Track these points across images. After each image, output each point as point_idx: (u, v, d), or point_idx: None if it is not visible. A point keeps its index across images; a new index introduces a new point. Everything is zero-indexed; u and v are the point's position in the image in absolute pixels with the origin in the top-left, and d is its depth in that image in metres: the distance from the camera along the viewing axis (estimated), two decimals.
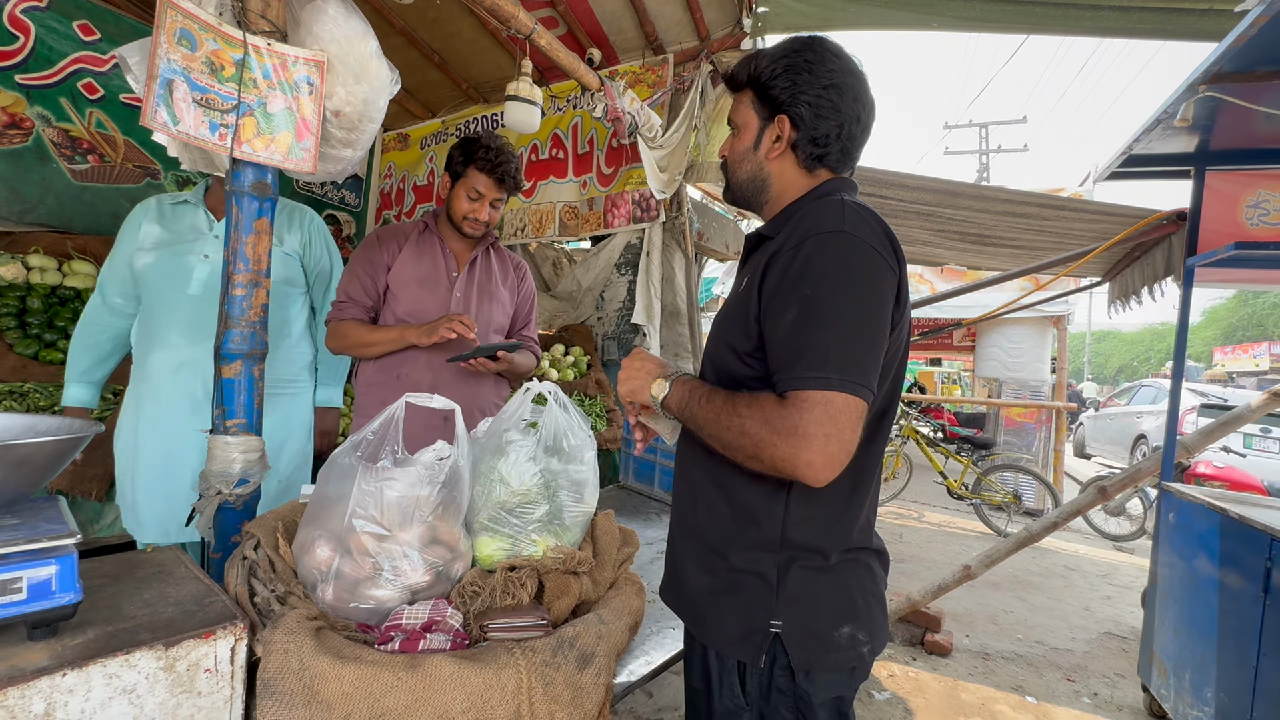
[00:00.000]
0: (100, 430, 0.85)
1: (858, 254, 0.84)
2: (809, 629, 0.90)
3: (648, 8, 2.86)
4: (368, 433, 1.08)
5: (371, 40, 1.30)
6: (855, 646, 0.91)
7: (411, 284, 1.75)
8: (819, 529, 0.91)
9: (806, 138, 0.97)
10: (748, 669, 0.92)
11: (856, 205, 0.91)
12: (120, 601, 0.86)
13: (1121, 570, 4.75)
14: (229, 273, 1.25)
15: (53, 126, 2.78)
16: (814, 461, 0.78)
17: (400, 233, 1.81)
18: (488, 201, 1.75)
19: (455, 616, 1.00)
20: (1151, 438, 8.86)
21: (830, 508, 0.92)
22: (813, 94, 0.95)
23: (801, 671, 0.89)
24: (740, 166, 1.04)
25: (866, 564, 0.96)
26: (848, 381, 0.79)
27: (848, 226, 0.85)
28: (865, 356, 0.81)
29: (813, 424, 0.78)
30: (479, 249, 1.88)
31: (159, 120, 1.09)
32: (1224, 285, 3.20)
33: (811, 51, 0.96)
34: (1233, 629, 1.97)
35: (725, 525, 0.96)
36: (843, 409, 0.79)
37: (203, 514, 1.25)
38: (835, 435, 0.78)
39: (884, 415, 0.95)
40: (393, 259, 1.76)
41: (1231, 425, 2.69)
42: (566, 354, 3.44)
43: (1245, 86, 1.91)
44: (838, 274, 0.83)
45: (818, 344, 0.81)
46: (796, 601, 0.90)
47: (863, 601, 0.93)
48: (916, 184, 3.12)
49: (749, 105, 1.02)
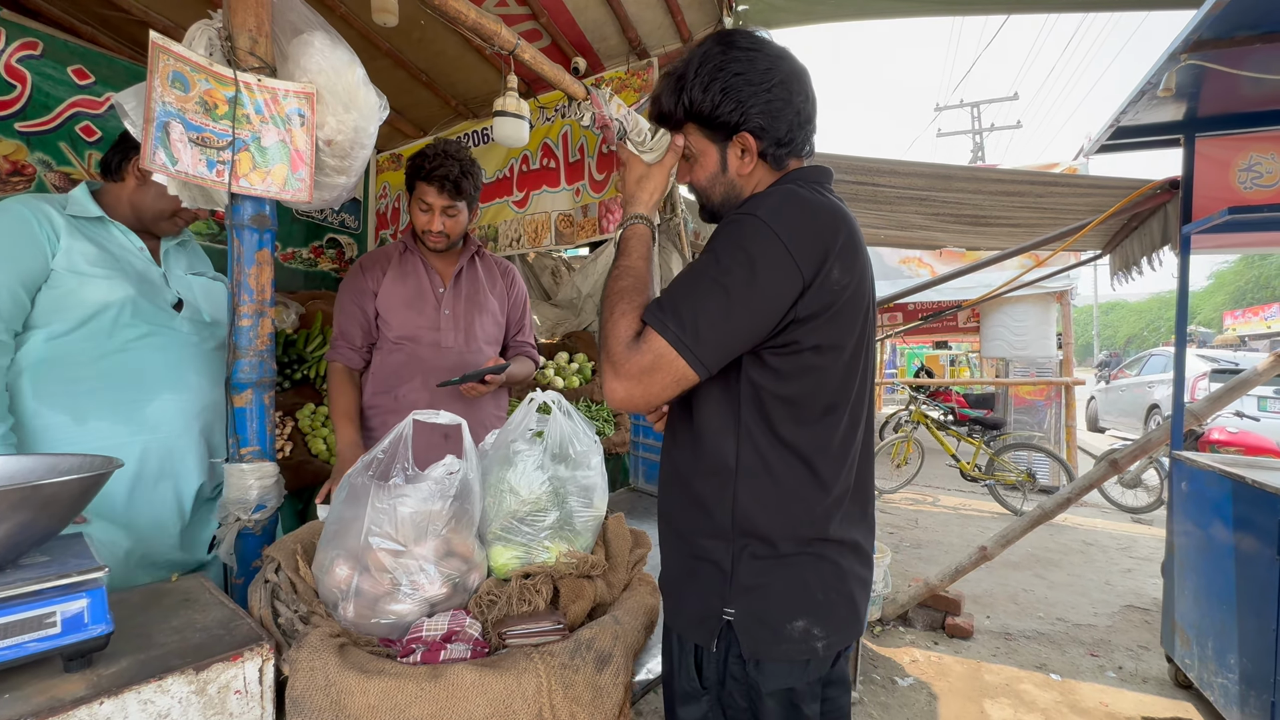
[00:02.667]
0: (120, 466, 0.88)
1: (757, 240, 0.85)
2: (759, 619, 0.91)
3: (629, 14, 2.89)
4: (378, 452, 1.10)
5: (358, 69, 1.33)
6: (808, 640, 0.91)
7: (400, 307, 1.75)
8: (766, 519, 0.91)
9: (771, 142, 0.95)
10: (704, 654, 0.96)
11: (791, 193, 0.90)
12: (150, 630, 0.89)
13: (1140, 542, 4.73)
14: (234, 304, 1.28)
15: (54, 171, 2.83)
16: (617, 391, 0.88)
17: (382, 257, 1.81)
18: (437, 211, 1.72)
19: (474, 626, 1.02)
20: (1164, 407, 8.79)
21: (778, 498, 0.91)
22: (761, 102, 0.92)
23: (751, 660, 0.91)
24: (713, 190, 1.02)
25: (831, 559, 0.93)
26: (683, 343, 0.85)
27: (762, 213, 0.86)
28: (711, 333, 0.85)
29: (636, 367, 0.86)
30: (462, 260, 1.87)
31: (158, 162, 1.12)
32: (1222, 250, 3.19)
33: (735, 60, 0.92)
34: (1251, 594, 1.97)
35: (687, 513, 0.99)
36: (667, 365, 0.86)
37: (224, 541, 1.28)
38: (646, 384, 0.86)
39: (832, 410, 0.92)
40: (378, 285, 1.76)
41: (1239, 390, 2.68)
42: (571, 361, 3.47)
43: (1227, 52, 1.92)
44: (727, 249, 0.87)
45: (679, 295, 0.88)
46: (748, 591, 0.92)
47: (821, 595, 0.92)
48: (908, 170, 3.13)
49: (698, 134, 0.99)
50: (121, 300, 1.39)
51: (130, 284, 1.41)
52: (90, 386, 1.36)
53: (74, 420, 1.34)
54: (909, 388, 7.79)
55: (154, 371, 1.44)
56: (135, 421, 1.41)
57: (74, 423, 1.34)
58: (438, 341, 1.77)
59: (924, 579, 3.16)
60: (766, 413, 0.90)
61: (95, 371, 1.37)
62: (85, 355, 1.36)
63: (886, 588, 3.08)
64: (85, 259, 1.36)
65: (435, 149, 1.71)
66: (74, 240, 1.36)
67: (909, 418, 6.53)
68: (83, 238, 1.38)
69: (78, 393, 1.35)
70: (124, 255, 1.44)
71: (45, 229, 1.33)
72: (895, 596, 3.18)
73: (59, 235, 1.34)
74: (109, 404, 1.38)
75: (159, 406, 1.44)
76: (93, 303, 1.36)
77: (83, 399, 1.36)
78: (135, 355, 1.41)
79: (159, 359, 1.45)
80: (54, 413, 1.33)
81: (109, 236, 1.44)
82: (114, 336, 1.38)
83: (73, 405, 1.35)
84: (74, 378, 1.35)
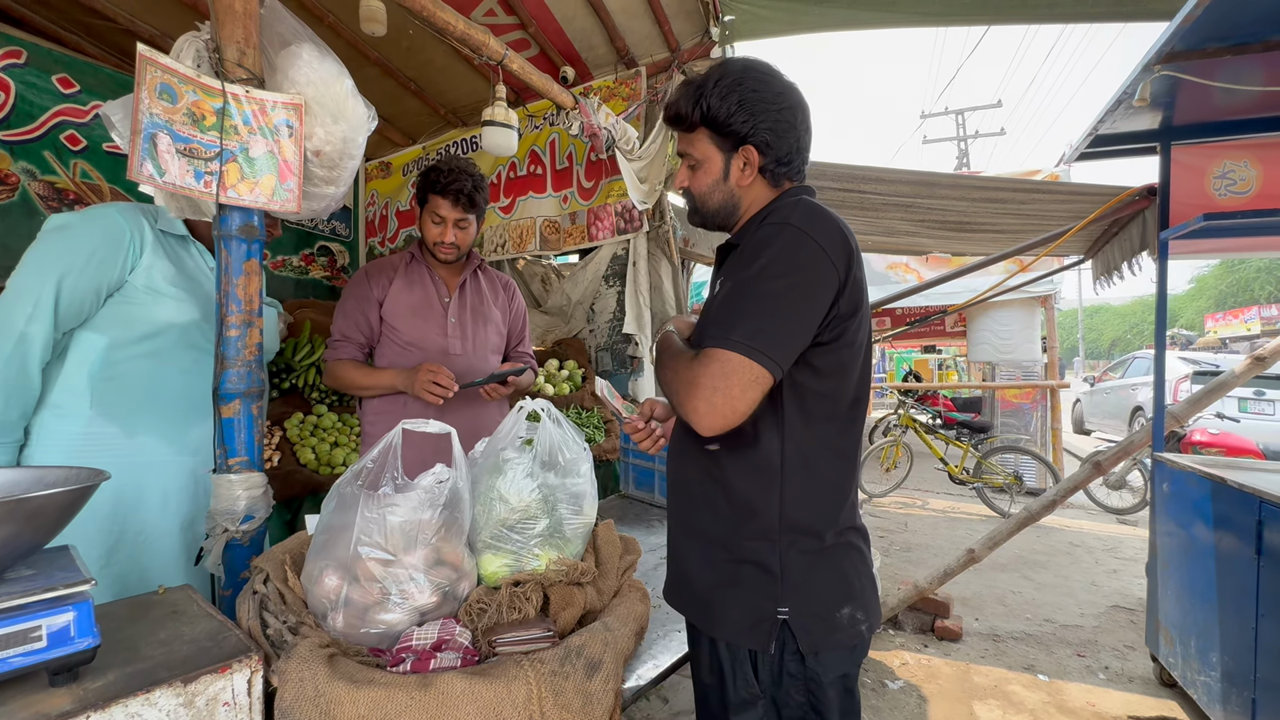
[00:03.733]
0: (107, 479, 0.88)
1: (795, 244, 0.91)
2: (813, 612, 0.95)
3: (617, 24, 2.92)
4: (368, 461, 1.10)
5: (346, 80, 1.34)
6: (855, 625, 0.97)
7: (406, 314, 1.80)
8: (813, 511, 0.97)
9: (773, 160, 1.03)
10: (759, 656, 0.97)
11: (811, 205, 0.97)
12: (137, 642, 0.89)
13: (1126, 543, 4.79)
14: (222, 314, 1.28)
15: (38, 180, 2.81)
16: (699, 409, 0.88)
17: (389, 266, 1.85)
18: (451, 223, 1.78)
19: (464, 634, 1.02)
20: (1149, 409, 8.91)
21: (822, 489, 0.97)
22: (770, 120, 1.01)
23: (810, 654, 0.95)
24: (712, 197, 1.09)
25: (856, 545, 1.02)
26: (747, 346, 0.87)
27: (795, 220, 0.93)
28: (776, 330, 0.88)
29: (705, 376, 0.88)
30: (466, 272, 1.92)
31: (145, 173, 1.12)
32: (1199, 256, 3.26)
33: (754, 79, 1.01)
34: (1231, 592, 2.00)
35: (724, 518, 1.01)
36: (737, 368, 0.87)
37: (211, 552, 1.27)
38: (723, 389, 0.87)
39: (857, 402, 1.00)
40: (384, 293, 1.80)
41: (1218, 392, 2.73)
42: (561, 368, 3.47)
43: (1200, 63, 1.97)
44: (771, 258, 0.91)
45: (733, 312, 0.91)
46: (799, 587, 0.95)
47: (858, 582, 1.00)
48: (894, 177, 3.17)
49: (707, 140, 1.06)
50: (187, 323, 1.42)
51: (198, 307, 1.44)
52: (143, 402, 1.39)
53: (125, 433, 1.37)
54: (898, 392, 7.85)
55: (202, 395, 1.41)
56: (180, 443, 1.44)
57: (124, 435, 1.37)
58: (445, 348, 1.82)
59: (913, 582, 3.18)
60: (808, 410, 0.95)
61: (151, 388, 1.40)
62: (144, 371, 1.39)
63: None
64: (164, 277, 1.40)
65: (448, 164, 1.76)
66: (156, 258, 1.39)
67: (898, 421, 6.58)
68: (164, 256, 1.41)
69: (132, 407, 1.38)
70: (198, 276, 1.48)
71: (135, 243, 1.37)
72: (885, 600, 3.20)
73: (144, 250, 1.38)
74: (158, 422, 1.41)
75: (203, 431, 1.45)
76: (160, 321, 1.39)
77: (136, 414, 1.38)
78: (189, 378, 1.44)
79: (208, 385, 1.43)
80: (107, 422, 1.36)
81: (189, 256, 1.48)
82: (174, 357, 1.42)
83: (126, 418, 1.37)
84: (131, 391, 1.38)
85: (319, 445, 2.61)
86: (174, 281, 1.41)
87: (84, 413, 1.34)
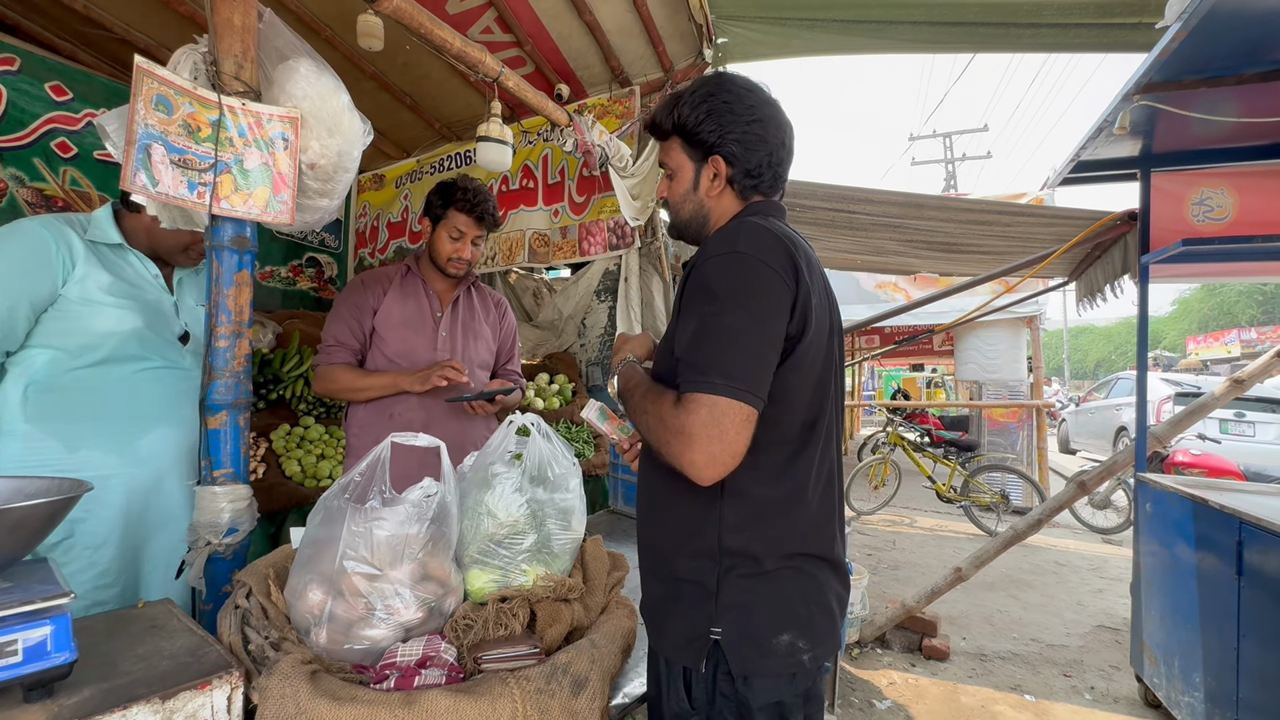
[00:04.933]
0: (90, 490, 0.87)
1: (748, 270, 0.90)
2: (746, 635, 0.93)
3: (612, 44, 2.96)
4: (355, 474, 1.10)
5: (343, 95, 1.35)
6: (794, 654, 0.93)
7: (398, 326, 1.80)
8: (752, 535, 0.94)
9: (741, 171, 1.04)
10: (693, 674, 0.97)
11: (756, 225, 0.96)
12: (115, 658, 0.87)
13: (1111, 563, 4.82)
14: (211, 324, 1.28)
15: (26, 187, 2.79)
16: (696, 460, 0.86)
17: (384, 277, 1.86)
18: (469, 240, 1.82)
19: (449, 651, 1.01)
20: (1132, 429, 9.01)
21: (763, 514, 0.94)
22: (739, 131, 1.02)
23: (740, 677, 0.93)
24: (683, 206, 1.10)
25: (810, 573, 0.97)
26: (732, 387, 0.85)
27: (740, 245, 0.92)
28: (749, 363, 0.87)
29: (698, 425, 0.85)
30: (460, 288, 1.95)
31: (138, 183, 1.12)
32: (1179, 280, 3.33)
33: (727, 91, 1.03)
34: (1213, 613, 2.02)
35: (671, 535, 1.01)
36: (726, 412, 0.85)
37: (193, 565, 1.25)
38: (718, 436, 0.85)
39: (813, 426, 0.97)
40: (378, 302, 1.81)
41: (1199, 413, 2.78)
42: (551, 382, 3.47)
43: (1177, 94, 2.03)
44: (726, 289, 0.90)
45: (705, 352, 0.89)
46: (734, 609, 0.94)
47: (804, 609, 0.95)
48: (882, 198, 3.22)
49: (679, 150, 1.08)
50: (129, 331, 1.39)
51: (140, 315, 1.41)
52: (86, 414, 1.35)
53: (66, 448, 1.33)
54: (886, 409, 7.90)
55: (150, 404, 1.42)
56: (127, 454, 1.39)
57: (66, 450, 1.33)
58: (433, 362, 1.80)
59: (901, 600, 3.18)
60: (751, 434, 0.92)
61: (93, 400, 1.36)
62: (86, 383, 1.35)
63: (864, 610, 3.09)
64: (100, 287, 1.36)
65: (468, 184, 1.81)
66: (90, 268, 1.36)
67: (886, 439, 6.61)
68: (99, 265, 1.38)
69: (73, 420, 1.34)
70: (139, 283, 1.45)
71: (63, 254, 1.33)
72: (873, 618, 3.20)
73: (75, 262, 1.34)
74: (103, 434, 1.37)
75: (151, 440, 1.42)
76: (100, 332, 1.35)
77: (77, 426, 1.34)
78: (134, 387, 1.40)
79: (157, 391, 1.44)
80: (46, 438, 1.32)
81: (126, 264, 1.44)
82: (117, 367, 1.38)
83: (66, 432, 1.33)
84: (71, 404, 1.34)
85: (305, 457, 2.59)
86: (112, 290, 1.37)
87: (20, 430, 1.30)
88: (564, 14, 2.77)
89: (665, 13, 2.79)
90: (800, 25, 2.80)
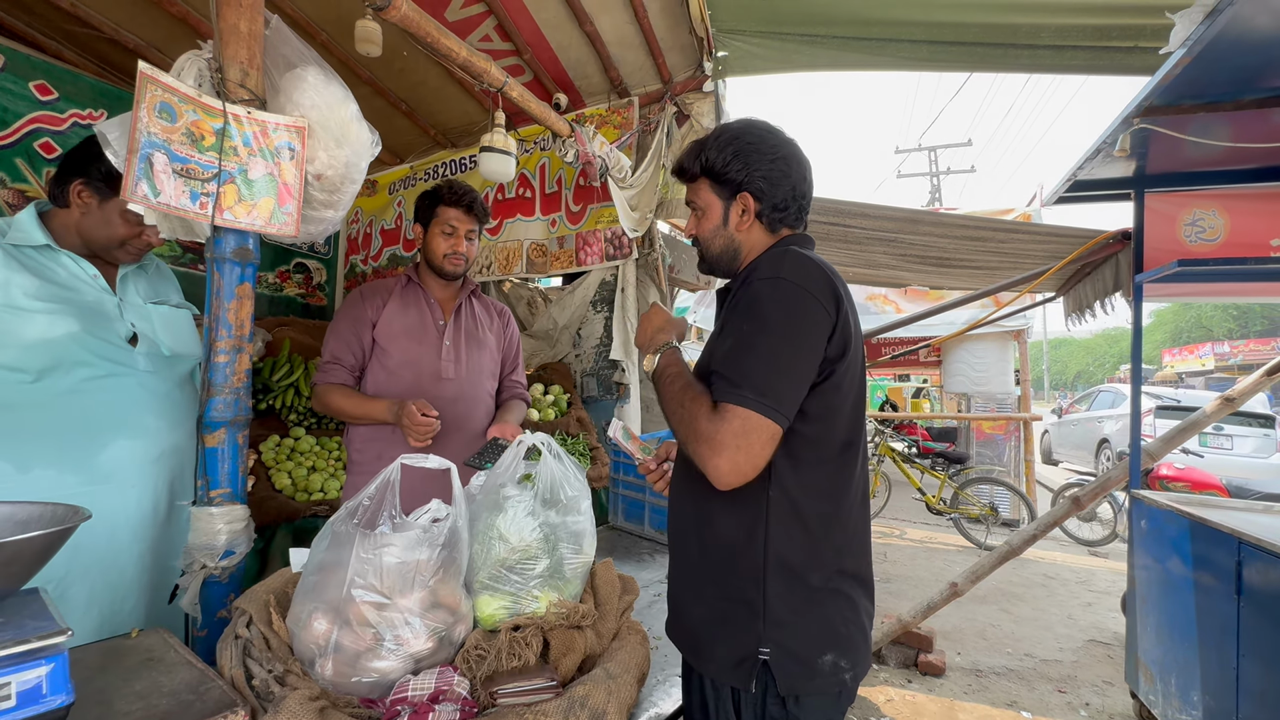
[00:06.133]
0: (88, 518, 0.82)
1: (791, 297, 0.95)
2: (794, 655, 0.96)
3: (612, 55, 2.95)
4: (364, 498, 1.06)
5: (351, 104, 1.32)
6: (838, 673, 0.97)
7: (400, 336, 1.77)
8: (799, 553, 0.97)
9: (769, 205, 1.09)
10: (742, 696, 0.98)
11: (800, 255, 1.02)
12: (110, 695, 0.82)
13: (1098, 575, 4.86)
14: (210, 339, 1.23)
15: (7, 188, 2.70)
16: (721, 466, 0.90)
17: (384, 288, 1.83)
18: (463, 233, 1.81)
19: (462, 684, 0.97)
20: (1113, 441, 9.16)
21: (809, 532, 0.98)
22: (764, 169, 1.08)
23: (790, 697, 0.95)
24: (714, 242, 1.15)
25: (846, 593, 1.00)
26: (761, 403, 0.90)
27: (785, 273, 0.97)
28: (783, 384, 0.92)
29: (728, 435, 0.90)
30: (462, 296, 1.92)
31: (139, 193, 1.08)
32: (1169, 299, 3.38)
33: (751, 134, 1.10)
34: (1211, 631, 2.03)
35: (714, 556, 1.03)
36: (756, 427, 0.90)
37: (188, 590, 1.20)
38: (744, 448, 0.90)
39: (849, 446, 1.01)
40: (378, 314, 1.77)
41: (1192, 430, 2.82)
42: (546, 393, 3.42)
43: (1173, 118, 2.06)
44: (770, 313, 0.95)
45: (741, 366, 0.93)
46: (782, 628, 0.96)
47: (844, 630, 0.99)
48: (878, 213, 3.24)
49: (708, 190, 1.14)
50: (63, 337, 1.26)
51: (75, 318, 1.28)
52: (34, 431, 1.23)
53: (17, 469, 1.21)
54: (875, 420, 7.95)
55: (104, 414, 1.30)
56: (86, 470, 1.27)
57: (17, 471, 1.21)
58: (439, 372, 1.78)
59: (897, 615, 3.17)
60: (795, 454, 0.97)
61: (39, 415, 1.24)
62: (27, 398, 1.22)
63: None
64: (24, 292, 1.23)
65: (452, 182, 1.82)
66: (11, 272, 1.22)
67: (875, 450, 6.64)
68: (22, 269, 1.25)
69: (21, 438, 1.22)
70: (74, 285, 1.31)
71: None
72: None
73: None
74: (55, 450, 1.25)
75: (112, 454, 1.30)
76: (29, 340, 1.22)
77: (26, 445, 1.22)
78: (83, 397, 1.27)
79: (110, 400, 1.31)
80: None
81: (56, 266, 1.30)
82: (60, 377, 1.25)
83: (15, 452, 1.21)
84: (16, 422, 1.22)
85: (295, 470, 2.52)
86: (39, 295, 1.24)
87: None
88: (564, 24, 2.76)
89: (666, 24, 2.79)
90: (801, 40, 2.81)
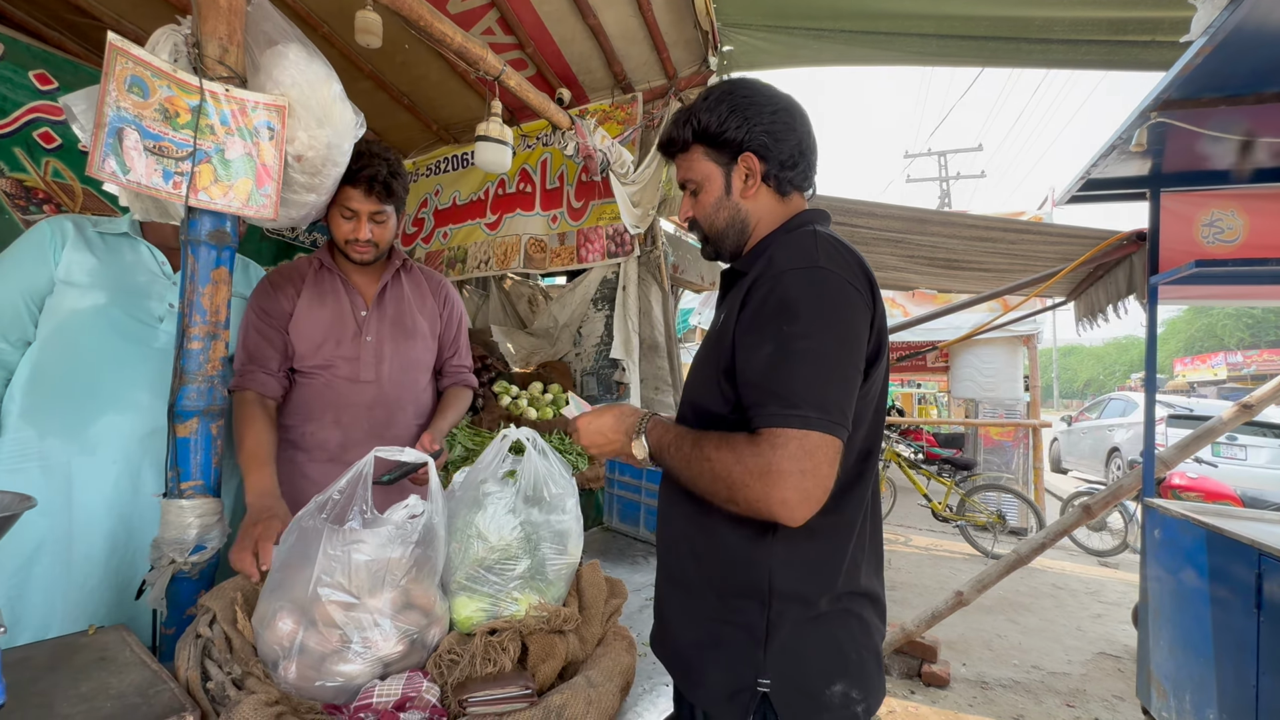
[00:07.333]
0: (33, 506, 0.78)
1: (832, 288, 0.82)
2: (798, 687, 0.84)
3: (616, 49, 2.91)
4: (334, 492, 1.01)
5: (335, 84, 1.27)
6: (849, 705, 0.85)
7: (314, 334, 1.52)
8: (807, 573, 0.86)
9: (775, 164, 0.97)
10: None
11: (830, 238, 0.90)
12: (53, 698, 0.78)
13: (1109, 586, 4.75)
14: (184, 325, 1.19)
15: (6, 177, 2.68)
16: (789, 499, 0.76)
17: (295, 274, 1.57)
18: (364, 217, 1.48)
19: (431, 691, 0.92)
20: (1124, 450, 9.01)
21: (819, 550, 0.87)
22: (765, 122, 0.96)
23: None
24: (717, 216, 1.02)
25: (858, 613, 0.90)
26: (823, 419, 0.77)
27: (822, 260, 0.84)
28: (840, 393, 0.80)
29: (787, 460, 0.76)
30: (386, 276, 1.62)
31: (107, 170, 1.04)
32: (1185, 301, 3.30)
33: (744, 88, 0.99)
34: (1229, 646, 1.95)
35: (709, 572, 0.92)
36: (818, 446, 0.77)
37: (155, 585, 1.16)
38: (811, 471, 0.76)
39: (868, 456, 0.91)
40: (292, 306, 1.52)
41: (1206, 438, 2.73)
42: (545, 391, 3.37)
43: (1192, 112, 1.99)
44: (813, 309, 0.81)
45: (793, 380, 0.79)
46: (784, 656, 0.85)
47: (855, 655, 0.88)
48: (885, 212, 3.18)
49: (703, 157, 1.01)
50: (89, 309, 1.34)
51: (106, 294, 1.36)
52: (52, 400, 1.32)
53: (38, 435, 1.31)
54: None
55: (107, 388, 1.36)
56: (78, 441, 1.33)
57: (38, 438, 1.30)
58: (355, 375, 1.54)
59: (900, 624, 3.09)
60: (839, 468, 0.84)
61: (57, 384, 1.33)
62: (52, 367, 1.33)
63: None
64: (82, 269, 1.34)
65: (359, 148, 1.42)
66: (77, 253, 1.34)
67: (882, 455, 6.55)
68: (89, 251, 1.36)
69: (44, 406, 1.32)
70: (132, 269, 1.41)
71: (54, 242, 1.33)
72: None
73: (63, 247, 1.34)
74: (62, 419, 1.33)
75: (102, 426, 1.35)
76: (64, 311, 1.33)
77: (46, 413, 1.32)
78: (93, 369, 1.35)
79: (115, 375, 1.37)
80: (26, 426, 1.30)
81: (129, 251, 1.42)
82: (82, 347, 1.34)
83: (40, 419, 1.31)
84: (44, 391, 1.32)
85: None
86: (91, 272, 1.35)
87: (14, 419, 1.30)
88: (568, 17, 2.72)
89: (671, 19, 2.74)
90: (807, 35, 2.76)
